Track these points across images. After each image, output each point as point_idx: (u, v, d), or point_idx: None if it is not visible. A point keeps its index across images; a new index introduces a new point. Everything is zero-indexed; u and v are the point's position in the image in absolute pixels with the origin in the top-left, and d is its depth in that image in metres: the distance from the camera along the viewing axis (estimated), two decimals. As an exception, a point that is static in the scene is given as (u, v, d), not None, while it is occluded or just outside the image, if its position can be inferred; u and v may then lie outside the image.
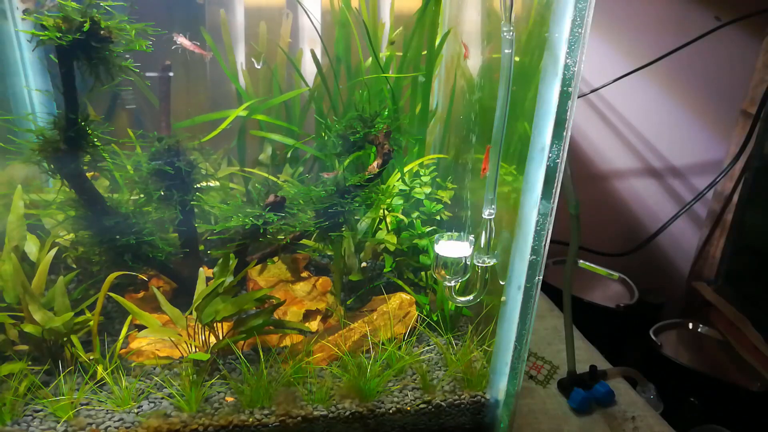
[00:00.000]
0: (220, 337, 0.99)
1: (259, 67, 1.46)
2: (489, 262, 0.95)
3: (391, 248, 1.24)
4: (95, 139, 0.92)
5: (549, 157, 0.78)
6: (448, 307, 1.14)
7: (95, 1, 0.81)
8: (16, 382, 0.86)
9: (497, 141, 0.86)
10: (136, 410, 0.89)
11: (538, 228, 0.82)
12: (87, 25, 0.80)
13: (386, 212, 1.27)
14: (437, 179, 1.38)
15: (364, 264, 1.25)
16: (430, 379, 1.01)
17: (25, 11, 1.17)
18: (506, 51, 0.81)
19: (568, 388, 1.14)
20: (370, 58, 1.39)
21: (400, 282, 1.20)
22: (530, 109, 0.82)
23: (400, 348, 1.03)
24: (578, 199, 0.94)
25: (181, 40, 1.09)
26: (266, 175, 1.38)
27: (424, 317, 1.13)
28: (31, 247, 1.06)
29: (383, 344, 1.04)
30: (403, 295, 1.12)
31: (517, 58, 0.84)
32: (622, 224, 2.01)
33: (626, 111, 1.87)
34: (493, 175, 0.88)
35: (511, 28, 0.80)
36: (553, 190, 0.80)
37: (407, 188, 1.33)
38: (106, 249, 0.99)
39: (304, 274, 1.27)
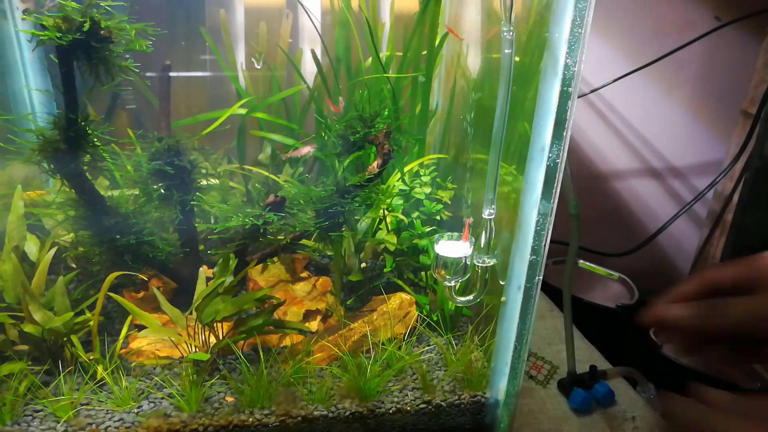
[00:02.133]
0: (220, 337, 0.99)
1: (259, 67, 1.46)
2: (489, 262, 0.95)
3: (391, 248, 1.24)
4: (95, 139, 0.92)
5: (549, 157, 0.77)
6: (448, 307, 1.14)
7: (95, 1, 0.81)
8: (16, 382, 0.86)
9: (497, 141, 0.86)
10: (136, 410, 0.89)
11: (538, 228, 0.82)
12: (87, 25, 0.80)
13: (386, 212, 1.27)
14: (437, 179, 1.38)
15: (363, 264, 1.25)
16: (430, 379, 1.01)
17: (25, 11, 1.17)
18: (506, 51, 0.81)
19: (568, 388, 1.14)
20: (370, 58, 1.39)
21: (400, 282, 1.20)
22: (530, 109, 0.82)
23: (400, 348, 1.03)
24: (578, 199, 0.93)
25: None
26: (267, 173, 1.38)
27: (424, 317, 1.13)
28: (31, 247, 1.06)
29: (383, 344, 1.04)
30: (403, 295, 1.12)
31: (517, 58, 0.84)
32: (622, 224, 2.01)
33: (626, 111, 1.87)
34: (493, 175, 0.88)
35: (511, 28, 0.80)
36: (553, 190, 0.80)
37: (407, 188, 1.33)
38: (106, 249, 0.99)
39: (304, 274, 1.27)
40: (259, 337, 1.03)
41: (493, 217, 0.91)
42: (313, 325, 1.13)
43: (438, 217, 1.30)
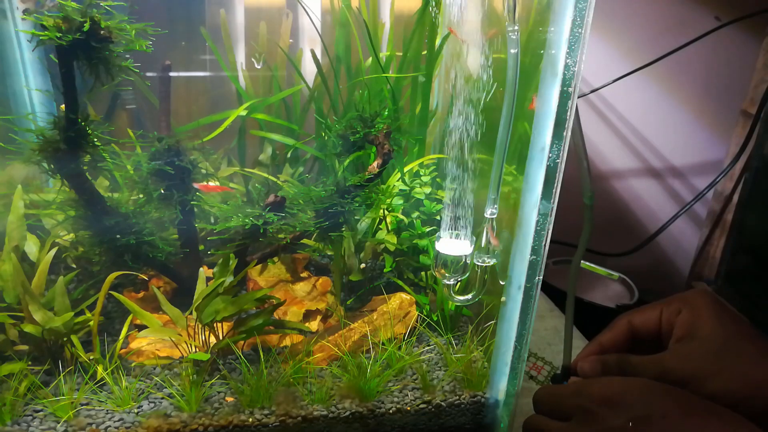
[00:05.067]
0: (220, 337, 0.99)
1: (259, 67, 1.46)
2: (489, 262, 0.95)
3: (391, 248, 1.24)
4: (95, 139, 0.92)
5: (549, 157, 0.78)
6: (448, 307, 1.14)
7: (95, 1, 0.81)
8: (16, 382, 0.86)
9: (502, 141, 0.86)
10: (136, 410, 0.89)
11: (538, 228, 0.82)
12: (87, 25, 0.79)
13: (386, 212, 1.27)
14: (437, 179, 1.38)
15: (363, 264, 1.25)
16: (430, 379, 1.01)
17: (25, 11, 1.17)
18: (512, 51, 0.81)
19: (560, 382, 1.13)
20: (370, 58, 1.39)
21: (400, 282, 1.20)
22: (530, 109, 0.82)
23: (400, 348, 1.03)
24: (593, 189, 0.93)
25: None
26: (266, 175, 1.38)
27: (424, 317, 1.13)
28: (31, 247, 1.06)
29: (383, 344, 1.04)
30: (403, 295, 1.12)
31: (517, 58, 0.84)
32: (622, 224, 2.01)
33: (626, 111, 1.87)
34: (496, 175, 0.88)
35: (516, 28, 0.80)
36: (553, 190, 0.80)
37: (407, 188, 1.33)
38: (106, 249, 0.99)
39: (304, 274, 1.27)
40: (259, 337, 1.03)
41: (495, 216, 0.91)
42: (313, 325, 1.13)
43: (438, 217, 1.30)
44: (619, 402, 0.62)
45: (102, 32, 0.82)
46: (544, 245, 0.83)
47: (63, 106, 0.88)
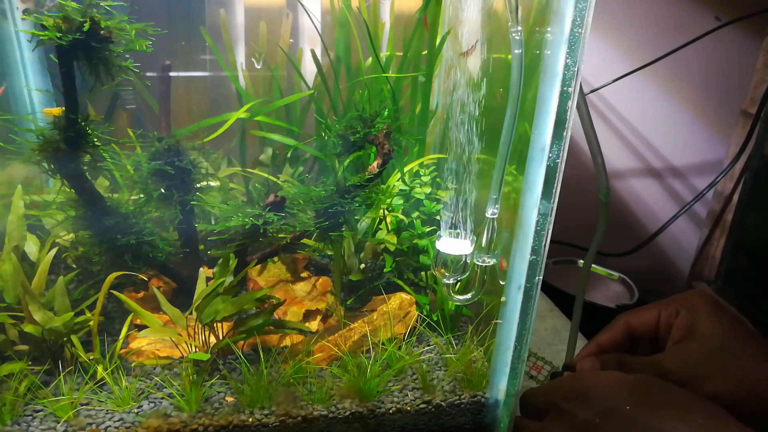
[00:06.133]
0: (220, 337, 0.99)
1: (259, 67, 1.46)
2: (489, 262, 0.95)
3: (391, 248, 1.24)
4: (95, 139, 0.92)
5: (549, 157, 0.78)
6: (448, 307, 1.14)
7: (95, 1, 0.81)
8: (16, 382, 0.86)
9: (506, 141, 0.86)
10: (136, 410, 0.89)
11: (538, 228, 0.82)
12: (87, 25, 0.80)
13: (386, 212, 1.27)
14: (437, 179, 1.38)
15: (363, 265, 1.25)
16: (430, 379, 1.01)
17: (25, 11, 1.17)
18: (516, 52, 0.81)
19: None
20: (370, 58, 1.39)
21: (400, 282, 1.20)
22: (530, 109, 0.82)
23: (400, 348, 1.03)
24: (609, 185, 0.93)
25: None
26: (266, 175, 1.38)
27: (424, 317, 1.13)
28: (31, 247, 1.06)
29: (383, 344, 1.04)
30: (403, 295, 1.12)
31: (517, 58, 0.84)
32: (622, 224, 2.01)
33: (626, 111, 1.87)
34: (499, 175, 0.88)
35: (519, 29, 0.80)
36: (553, 190, 0.80)
37: (407, 188, 1.33)
38: (106, 249, 0.99)
39: (304, 274, 1.27)
40: (259, 337, 1.03)
41: (496, 216, 0.92)
42: (313, 325, 1.13)
43: (438, 217, 1.30)
44: (586, 397, 0.63)
45: (102, 32, 0.82)
46: (544, 245, 0.83)
47: (51, 109, 0.88)
